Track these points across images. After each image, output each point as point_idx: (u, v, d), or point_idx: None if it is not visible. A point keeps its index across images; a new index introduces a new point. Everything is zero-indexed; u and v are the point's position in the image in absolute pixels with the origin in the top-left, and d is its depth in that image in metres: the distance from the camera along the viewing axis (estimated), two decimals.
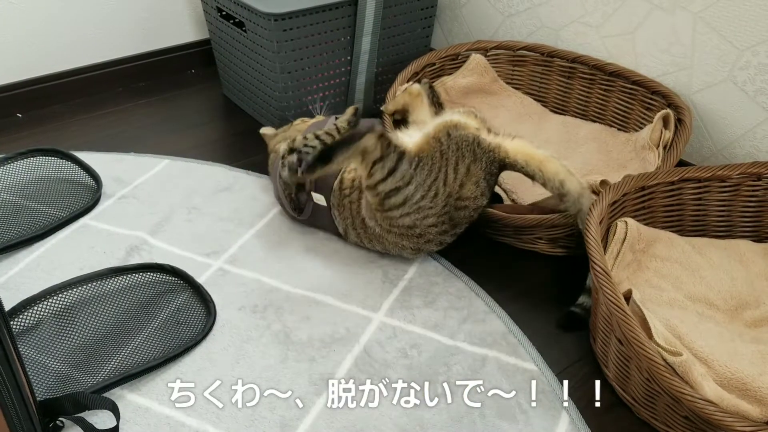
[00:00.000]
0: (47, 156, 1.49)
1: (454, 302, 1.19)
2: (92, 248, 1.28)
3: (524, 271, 1.28)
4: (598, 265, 1.00)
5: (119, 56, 1.92)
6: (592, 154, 1.48)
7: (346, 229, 1.27)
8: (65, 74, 1.84)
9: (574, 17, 1.62)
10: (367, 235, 1.24)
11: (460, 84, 1.69)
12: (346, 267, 1.25)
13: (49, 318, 1.10)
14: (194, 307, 1.15)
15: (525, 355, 1.09)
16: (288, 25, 1.55)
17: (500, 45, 1.69)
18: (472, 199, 1.17)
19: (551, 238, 1.28)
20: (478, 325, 1.14)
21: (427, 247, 1.21)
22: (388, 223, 1.18)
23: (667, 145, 1.34)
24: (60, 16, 1.78)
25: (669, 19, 1.42)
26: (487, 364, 1.07)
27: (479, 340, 1.11)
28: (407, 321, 1.14)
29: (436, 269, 1.26)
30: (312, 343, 1.10)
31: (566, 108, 1.65)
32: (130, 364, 1.03)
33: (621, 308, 0.94)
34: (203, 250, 1.29)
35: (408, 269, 1.26)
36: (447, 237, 1.21)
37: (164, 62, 1.99)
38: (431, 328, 1.13)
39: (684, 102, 1.40)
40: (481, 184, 1.17)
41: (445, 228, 1.18)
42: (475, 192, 1.16)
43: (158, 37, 1.96)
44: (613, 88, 1.54)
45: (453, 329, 1.13)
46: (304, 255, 1.28)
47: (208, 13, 1.84)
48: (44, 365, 1.02)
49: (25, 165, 1.46)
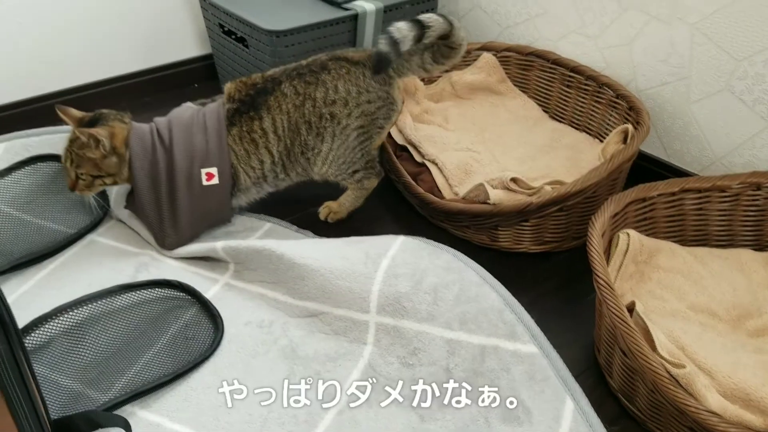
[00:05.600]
0: (49, 162, 1.49)
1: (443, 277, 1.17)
2: (101, 264, 1.29)
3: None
4: (601, 278, 1.01)
5: (123, 72, 1.94)
6: (560, 160, 1.51)
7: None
8: (70, 91, 1.86)
9: (572, 28, 1.64)
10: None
11: (466, 80, 1.73)
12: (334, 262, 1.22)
13: (61, 335, 1.11)
14: (202, 323, 1.17)
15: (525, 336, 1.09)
16: (289, 41, 1.57)
17: (510, 47, 1.73)
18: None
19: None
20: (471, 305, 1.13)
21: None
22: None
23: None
24: (66, 34, 1.80)
25: (666, 30, 1.44)
26: (487, 357, 1.07)
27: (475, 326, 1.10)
28: (400, 316, 1.13)
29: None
30: (317, 357, 1.11)
31: (564, 115, 1.67)
32: (140, 381, 1.05)
33: (625, 321, 0.96)
34: (210, 265, 1.30)
35: (389, 246, 1.23)
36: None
37: (168, 77, 2.01)
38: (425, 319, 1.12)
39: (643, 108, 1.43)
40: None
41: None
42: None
43: (162, 52, 1.99)
44: (603, 99, 1.56)
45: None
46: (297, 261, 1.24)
47: (210, 29, 1.86)
48: (56, 383, 1.03)
49: (28, 174, 1.46)
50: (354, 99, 1.31)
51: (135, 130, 1.28)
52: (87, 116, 1.29)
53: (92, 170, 1.26)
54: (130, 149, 1.26)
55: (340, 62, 1.32)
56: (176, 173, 1.27)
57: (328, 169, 1.37)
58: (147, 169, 1.27)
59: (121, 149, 1.26)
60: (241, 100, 1.32)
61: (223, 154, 1.29)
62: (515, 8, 1.75)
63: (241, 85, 1.34)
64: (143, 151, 1.27)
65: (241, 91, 1.33)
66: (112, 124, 1.27)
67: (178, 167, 1.27)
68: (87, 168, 1.26)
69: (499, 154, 1.53)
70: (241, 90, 1.33)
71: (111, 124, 1.27)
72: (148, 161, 1.27)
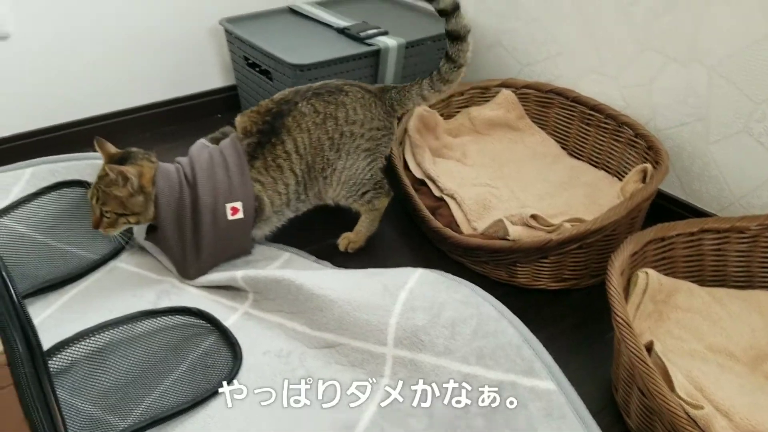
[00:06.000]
0: (74, 188, 1.52)
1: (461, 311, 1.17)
2: (122, 291, 1.31)
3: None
4: (620, 316, 1.01)
5: (150, 101, 1.98)
6: (579, 198, 1.52)
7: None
8: (95, 119, 1.90)
9: (591, 67, 1.66)
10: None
11: (485, 115, 1.75)
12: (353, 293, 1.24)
13: (82, 360, 1.13)
14: (221, 351, 1.18)
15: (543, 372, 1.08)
16: (312, 75, 1.60)
17: (530, 85, 1.75)
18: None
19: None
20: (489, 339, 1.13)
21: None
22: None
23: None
24: (99, 64, 1.86)
25: (684, 72, 1.46)
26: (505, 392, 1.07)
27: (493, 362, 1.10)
28: (417, 349, 1.13)
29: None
30: (335, 389, 1.11)
31: (583, 153, 1.69)
32: (159, 408, 1.05)
33: (643, 360, 0.96)
34: (230, 294, 1.32)
35: (407, 279, 1.24)
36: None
37: (193, 107, 2.05)
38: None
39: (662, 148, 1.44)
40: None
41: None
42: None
43: (187, 83, 2.03)
44: (622, 137, 1.58)
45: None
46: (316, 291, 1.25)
47: (235, 61, 1.90)
48: (77, 408, 1.04)
49: (54, 199, 1.49)
50: (368, 122, 1.38)
51: (161, 169, 1.30)
52: (118, 153, 1.32)
53: (118, 208, 1.27)
54: (157, 187, 1.28)
55: (355, 87, 1.40)
56: (201, 209, 1.29)
57: (340, 191, 1.42)
58: (173, 206, 1.29)
59: (148, 188, 1.28)
60: (259, 131, 1.34)
61: (247, 188, 1.31)
62: (535, 46, 1.78)
63: (253, 115, 1.37)
64: (169, 189, 1.29)
65: (256, 122, 1.35)
66: (140, 163, 1.29)
67: (203, 204, 1.29)
68: (113, 206, 1.27)
69: (518, 190, 1.55)
70: (256, 121, 1.36)
71: (139, 163, 1.29)
72: (174, 198, 1.29)
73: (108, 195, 1.27)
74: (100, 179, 1.28)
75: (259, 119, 1.35)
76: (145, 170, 1.28)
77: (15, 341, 0.76)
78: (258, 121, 1.35)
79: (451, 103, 1.78)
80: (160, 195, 1.28)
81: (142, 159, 1.30)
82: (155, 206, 1.29)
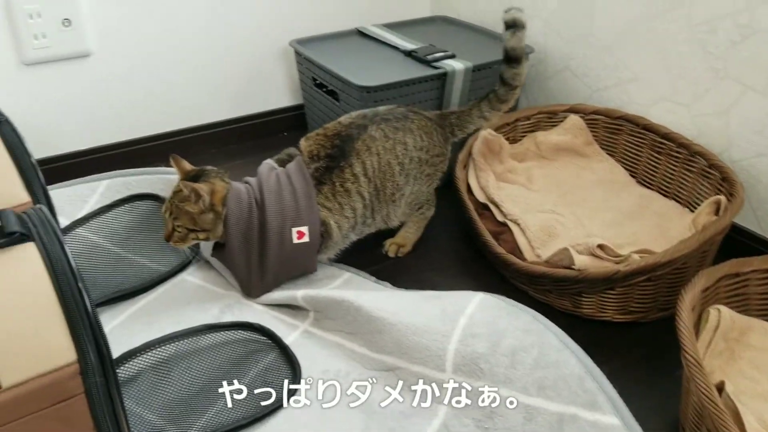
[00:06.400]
0: (146, 201, 1.57)
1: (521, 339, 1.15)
2: (188, 303, 1.34)
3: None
4: (689, 354, 0.98)
5: (218, 119, 2.04)
6: (649, 228, 1.48)
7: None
8: (168, 135, 1.97)
9: (664, 95, 1.62)
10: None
11: (551, 140, 1.74)
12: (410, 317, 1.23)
13: (148, 371, 1.16)
14: (281, 368, 1.19)
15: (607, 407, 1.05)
16: (379, 96, 1.61)
17: (599, 110, 1.73)
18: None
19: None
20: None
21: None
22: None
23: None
24: (174, 83, 1.92)
25: (763, 102, 1.41)
26: (565, 426, 1.04)
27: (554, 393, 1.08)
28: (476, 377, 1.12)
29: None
30: (393, 414, 1.11)
31: (653, 182, 1.65)
32: (218, 422, 1.07)
33: (713, 401, 0.92)
34: (291, 311, 1.33)
35: (467, 304, 1.23)
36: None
37: (259, 125, 2.10)
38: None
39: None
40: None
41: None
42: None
43: (256, 101, 2.08)
44: (694, 168, 1.53)
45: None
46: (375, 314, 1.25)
47: (303, 81, 1.94)
48: (141, 417, 1.07)
49: (127, 211, 1.54)
50: (432, 149, 1.43)
51: (233, 191, 1.33)
52: (193, 170, 1.36)
53: (188, 223, 1.31)
54: (228, 207, 1.31)
55: (419, 114, 1.43)
56: (268, 232, 1.31)
57: (404, 211, 1.46)
58: (242, 226, 1.32)
59: (219, 207, 1.31)
60: (328, 155, 1.36)
61: (313, 213, 1.33)
62: (606, 72, 1.75)
63: (320, 139, 1.39)
64: (239, 211, 1.31)
65: (324, 146, 1.37)
66: (213, 181, 1.32)
67: (270, 227, 1.31)
68: (184, 221, 1.30)
69: (584, 217, 1.52)
70: (324, 144, 1.37)
71: (212, 181, 1.32)
72: (243, 219, 1.32)
73: (180, 210, 1.30)
74: (175, 194, 1.32)
75: (327, 143, 1.37)
76: (217, 189, 1.31)
77: (88, 351, 0.78)
78: (326, 145, 1.37)
79: (516, 128, 1.77)
80: (230, 215, 1.31)
81: (215, 177, 1.33)
82: (224, 225, 1.32)
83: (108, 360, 0.81)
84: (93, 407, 0.81)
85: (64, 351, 0.77)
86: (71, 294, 0.77)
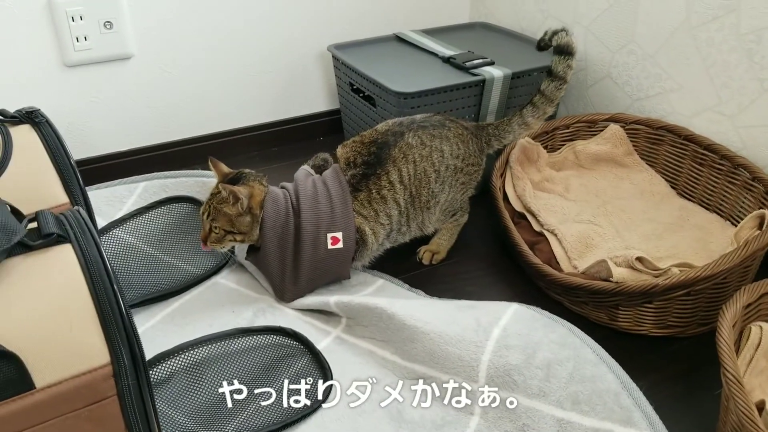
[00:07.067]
0: (183, 203, 1.58)
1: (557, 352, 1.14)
2: (222, 307, 1.35)
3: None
4: (729, 372, 0.95)
5: (255, 123, 2.05)
6: (689, 241, 1.44)
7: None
8: (205, 138, 1.98)
9: (707, 105, 1.58)
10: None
11: (591, 150, 1.71)
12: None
13: (180, 373, 1.17)
14: (313, 374, 1.19)
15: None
16: (416, 102, 1.61)
17: (640, 120, 1.69)
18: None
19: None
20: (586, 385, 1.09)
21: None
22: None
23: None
24: (213, 87, 1.94)
25: None
26: None
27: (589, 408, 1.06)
28: (509, 389, 1.11)
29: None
30: (424, 423, 1.10)
31: (694, 194, 1.61)
32: (249, 427, 1.07)
33: (754, 421, 0.89)
34: (324, 317, 1.33)
35: (501, 315, 1.22)
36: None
37: (296, 129, 2.11)
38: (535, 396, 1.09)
39: None
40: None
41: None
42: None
43: (294, 106, 2.09)
44: (737, 180, 1.49)
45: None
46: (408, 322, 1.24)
47: (340, 86, 1.94)
48: (172, 419, 1.08)
49: (163, 213, 1.56)
50: (467, 158, 1.42)
51: (270, 194, 1.34)
52: (232, 173, 1.37)
53: (226, 225, 1.31)
54: (265, 211, 1.32)
55: (455, 123, 1.43)
56: (303, 237, 1.32)
57: (438, 217, 1.45)
58: (278, 231, 1.32)
59: (256, 210, 1.32)
60: (365, 162, 1.36)
61: (348, 219, 1.33)
62: (648, 81, 1.72)
63: (356, 146, 1.39)
64: (276, 215, 1.32)
65: (360, 153, 1.37)
66: (251, 184, 1.33)
67: (305, 232, 1.31)
68: (221, 222, 1.31)
69: (623, 229, 1.49)
70: (360, 152, 1.37)
71: (251, 184, 1.33)
72: (279, 224, 1.32)
73: (218, 212, 1.31)
74: (213, 196, 1.33)
75: (364, 150, 1.37)
76: (255, 192, 1.32)
77: (121, 353, 0.79)
78: (363, 152, 1.37)
79: (555, 136, 1.75)
80: (267, 219, 1.32)
81: (253, 180, 1.34)
82: (261, 229, 1.32)
83: (141, 363, 0.82)
84: (125, 409, 0.81)
85: (97, 353, 0.77)
86: (106, 296, 0.78)
